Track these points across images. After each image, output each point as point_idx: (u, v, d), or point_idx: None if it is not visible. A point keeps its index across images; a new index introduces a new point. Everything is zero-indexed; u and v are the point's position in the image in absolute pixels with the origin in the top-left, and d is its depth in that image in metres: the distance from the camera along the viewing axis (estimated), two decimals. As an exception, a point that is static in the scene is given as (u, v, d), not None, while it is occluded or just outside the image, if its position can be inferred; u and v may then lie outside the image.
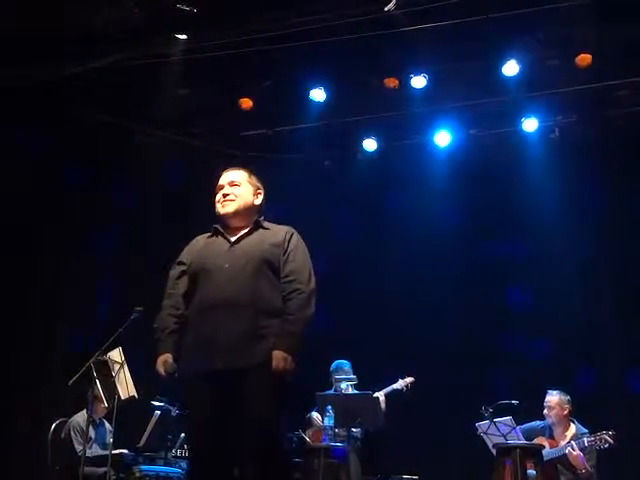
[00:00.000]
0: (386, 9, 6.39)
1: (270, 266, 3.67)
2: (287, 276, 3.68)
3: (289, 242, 3.76)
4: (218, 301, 3.58)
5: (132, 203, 8.24)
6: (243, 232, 3.79)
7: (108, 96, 7.78)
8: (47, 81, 7.27)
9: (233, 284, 3.60)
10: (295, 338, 3.56)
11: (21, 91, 7.27)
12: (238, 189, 3.85)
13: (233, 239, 3.77)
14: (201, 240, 3.90)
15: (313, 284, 3.70)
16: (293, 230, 3.84)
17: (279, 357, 3.50)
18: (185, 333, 3.69)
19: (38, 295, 7.92)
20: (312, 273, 3.73)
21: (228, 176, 3.92)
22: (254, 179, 3.95)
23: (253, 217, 3.86)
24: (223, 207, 3.81)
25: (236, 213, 3.81)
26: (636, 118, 7.63)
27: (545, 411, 6.39)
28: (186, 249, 3.95)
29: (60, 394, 7.12)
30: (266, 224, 3.87)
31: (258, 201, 3.91)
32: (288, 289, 3.66)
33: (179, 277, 3.85)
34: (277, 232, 3.81)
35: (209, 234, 3.89)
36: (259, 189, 3.94)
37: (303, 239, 3.87)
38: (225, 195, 3.83)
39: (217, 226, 3.86)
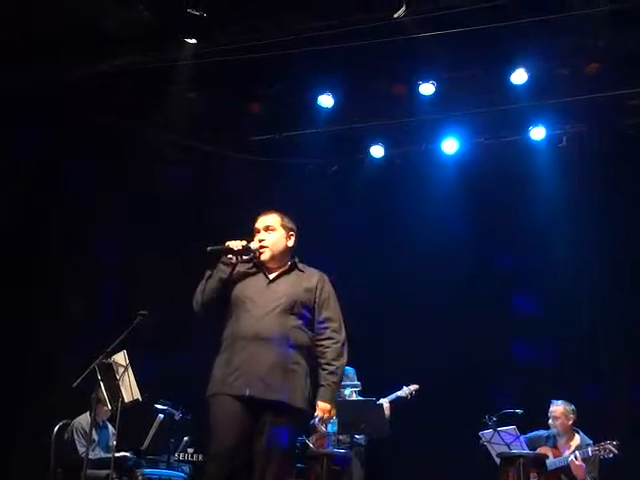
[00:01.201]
0: (395, 16, 6.40)
1: (301, 308, 3.98)
2: (323, 322, 4.02)
3: (322, 290, 4.09)
4: (252, 334, 3.87)
5: (140, 206, 8.25)
6: (280, 271, 4.10)
7: (117, 99, 7.80)
8: (56, 83, 7.29)
9: (266, 320, 3.90)
10: (334, 388, 3.95)
11: (30, 92, 7.29)
12: (272, 235, 4.12)
13: (271, 277, 4.08)
14: (241, 266, 4.13)
15: (345, 334, 4.03)
16: (325, 277, 4.16)
17: (325, 409, 3.90)
18: (218, 356, 3.99)
19: (42, 296, 7.92)
20: (343, 323, 4.07)
21: (263, 220, 4.18)
22: (287, 221, 4.22)
23: (287, 258, 4.16)
24: (261, 255, 4.09)
25: (272, 258, 4.09)
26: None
27: (550, 421, 6.36)
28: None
29: (64, 396, 7.12)
30: (300, 266, 4.16)
31: (291, 243, 4.18)
32: (323, 334, 4.01)
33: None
34: (310, 276, 4.12)
35: (248, 262, 4.13)
36: (291, 231, 4.20)
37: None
38: (261, 240, 4.10)
39: (257, 263, 4.13)
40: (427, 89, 7.57)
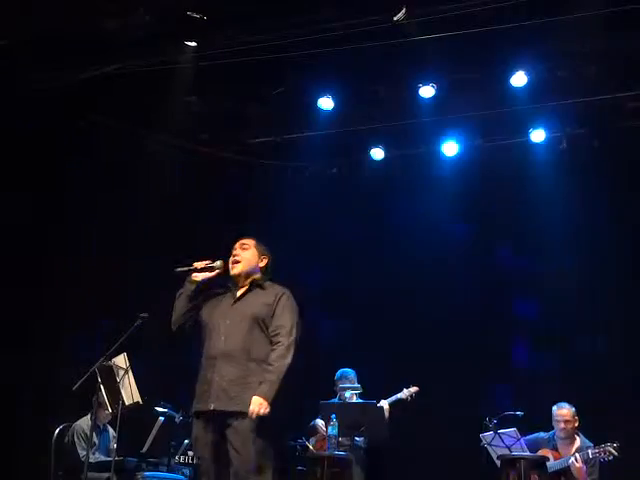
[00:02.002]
0: (395, 19, 6.41)
1: (262, 323, 4.30)
2: (273, 330, 4.29)
3: (278, 302, 4.35)
4: (218, 352, 4.25)
5: (138, 208, 8.25)
6: (244, 291, 4.43)
7: (117, 102, 7.80)
8: (55, 86, 7.30)
9: (230, 337, 4.26)
10: (272, 385, 4.13)
11: (32, 95, 7.29)
12: (246, 252, 4.47)
13: (238, 294, 4.42)
14: (212, 290, 4.52)
15: (293, 336, 4.26)
16: (285, 291, 4.43)
17: (256, 402, 4.08)
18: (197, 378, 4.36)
19: (41, 297, 7.92)
20: (295, 327, 4.30)
21: (240, 241, 4.53)
22: (262, 246, 4.55)
23: (255, 276, 4.47)
24: (232, 269, 4.44)
25: (240, 274, 4.43)
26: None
27: (562, 425, 6.32)
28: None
29: (65, 399, 7.12)
30: (265, 284, 4.46)
31: (262, 264, 4.51)
32: (274, 342, 4.27)
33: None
34: (270, 293, 4.40)
35: (219, 286, 4.53)
36: (264, 254, 4.53)
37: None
38: (235, 256, 4.45)
39: (229, 285, 4.50)
40: (427, 92, 7.57)
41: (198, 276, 4.40)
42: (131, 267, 8.19)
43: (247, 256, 4.45)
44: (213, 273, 4.41)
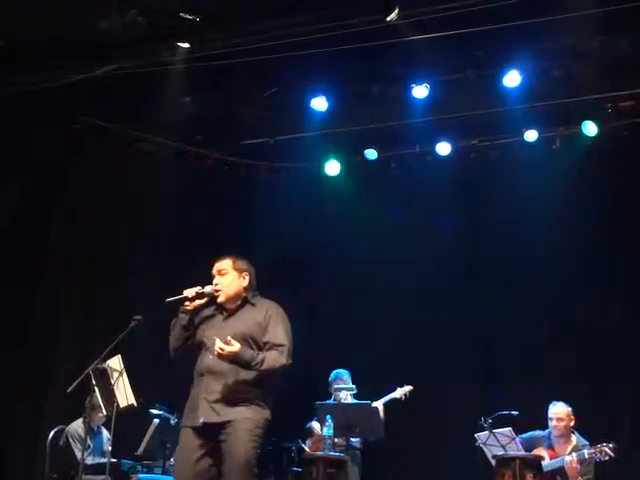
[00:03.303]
0: (388, 19, 6.41)
1: (253, 341, 4.35)
2: (267, 344, 4.35)
3: (270, 319, 4.43)
4: (207, 369, 4.32)
5: (132, 210, 8.24)
6: (233, 308, 4.50)
7: (110, 103, 7.79)
8: (50, 87, 7.28)
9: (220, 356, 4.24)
10: (253, 356, 4.23)
11: (25, 96, 7.27)
12: (225, 278, 4.50)
13: (225, 314, 4.50)
14: (204, 310, 4.56)
15: (287, 346, 4.34)
16: (273, 305, 4.52)
17: (229, 343, 4.16)
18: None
19: (36, 299, 7.91)
20: (289, 339, 4.39)
21: (217, 266, 4.56)
22: (239, 264, 4.56)
23: (243, 296, 4.51)
24: (217, 298, 4.48)
25: (227, 299, 4.49)
26: (639, 129, 7.63)
27: (554, 423, 6.34)
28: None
29: (59, 401, 7.11)
30: (254, 300, 4.52)
31: (245, 282, 4.53)
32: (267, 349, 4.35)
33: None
34: (260, 309, 4.47)
35: (210, 304, 4.55)
36: (244, 272, 4.54)
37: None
38: (216, 284, 4.48)
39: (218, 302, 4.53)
40: (420, 92, 7.57)
41: (190, 305, 4.43)
42: (126, 267, 8.18)
43: (227, 282, 4.49)
44: (204, 300, 4.47)
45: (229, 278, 4.50)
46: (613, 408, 7.21)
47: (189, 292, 4.41)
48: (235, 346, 4.17)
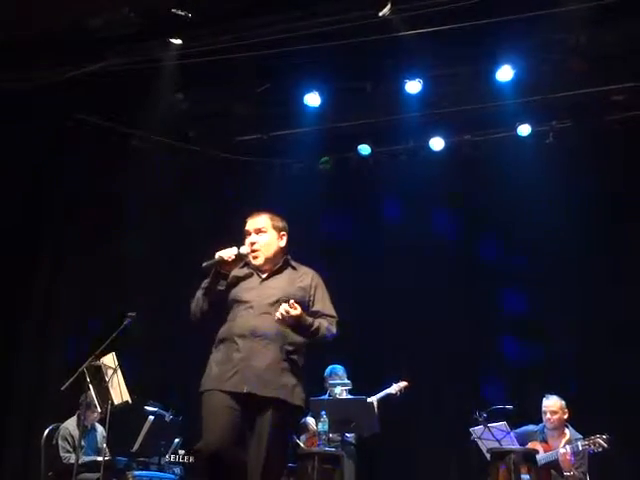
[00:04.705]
0: (380, 14, 6.41)
1: (299, 305, 3.89)
2: (316, 312, 4.03)
3: (316, 287, 4.10)
4: (248, 331, 3.87)
5: (126, 207, 8.22)
6: (273, 270, 4.09)
7: (103, 100, 7.78)
8: (42, 84, 7.26)
9: (262, 317, 3.89)
10: (313, 323, 3.91)
11: (16, 94, 7.26)
12: (264, 237, 4.10)
13: (264, 276, 4.08)
14: (242, 269, 4.14)
15: (336, 318, 4.07)
16: (317, 275, 4.17)
17: (293, 309, 3.78)
18: (213, 353, 3.98)
19: (31, 297, 7.90)
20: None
21: (254, 223, 4.15)
22: (277, 221, 4.19)
23: (281, 257, 4.15)
24: (255, 259, 4.07)
25: (266, 262, 4.09)
26: (632, 123, 7.64)
27: (547, 416, 6.37)
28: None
29: (54, 399, 7.10)
30: (293, 263, 4.16)
31: (283, 243, 4.17)
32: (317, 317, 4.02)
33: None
34: (304, 275, 4.12)
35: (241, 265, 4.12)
36: (283, 230, 4.19)
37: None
38: (252, 244, 4.07)
39: (248, 262, 4.11)
40: (413, 87, 7.58)
41: (227, 269, 4.01)
42: (120, 265, 8.17)
43: (267, 241, 4.09)
44: (241, 261, 4.06)
45: (268, 238, 4.11)
46: (609, 400, 7.23)
47: (227, 254, 3.97)
48: (298, 309, 3.81)
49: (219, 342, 3.97)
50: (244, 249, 4.03)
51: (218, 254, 3.97)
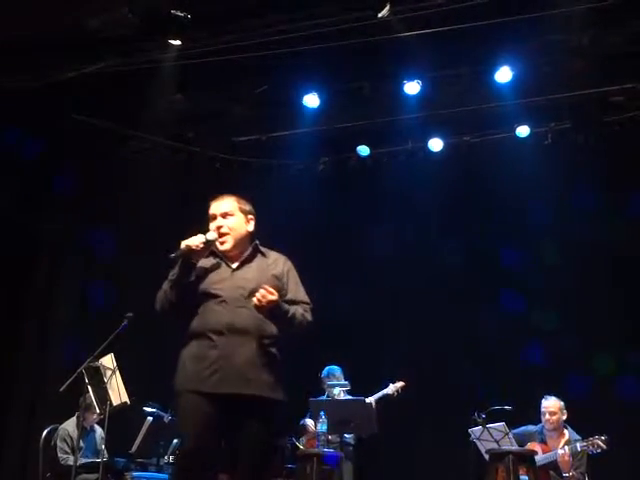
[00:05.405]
0: (380, 15, 6.41)
1: None
2: (289, 301, 3.79)
3: (289, 274, 3.89)
4: (224, 326, 3.64)
5: (125, 207, 8.22)
6: (243, 258, 3.85)
7: (101, 101, 7.78)
8: (41, 85, 7.26)
9: (237, 311, 3.67)
10: (287, 311, 3.71)
11: (15, 95, 7.25)
12: (231, 221, 3.86)
13: (234, 265, 3.83)
14: (208, 259, 3.88)
15: (311, 317, 3.85)
16: (288, 260, 3.97)
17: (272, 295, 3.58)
18: (186, 349, 3.74)
19: (29, 298, 7.89)
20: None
21: (219, 206, 3.90)
22: (244, 204, 3.95)
23: (249, 243, 3.92)
24: (222, 245, 3.83)
25: (234, 247, 3.84)
26: (631, 124, 7.65)
27: (546, 417, 6.36)
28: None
29: (53, 400, 7.09)
30: (262, 249, 3.93)
31: (251, 227, 3.94)
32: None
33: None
34: (276, 262, 3.91)
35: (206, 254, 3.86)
36: (250, 214, 3.95)
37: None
38: (219, 228, 3.83)
39: (215, 251, 3.86)
40: (412, 88, 7.58)
41: (196, 258, 3.75)
42: (118, 265, 8.17)
43: (234, 225, 3.85)
44: (209, 249, 3.80)
45: (235, 221, 3.86)
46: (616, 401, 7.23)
47: (194, 242, 3.69)
48: (275, 294, 3.59)
49: (191, 337, 3.72)
50: (211, 235, 3.78)
51: (184, 243, 3.70)
